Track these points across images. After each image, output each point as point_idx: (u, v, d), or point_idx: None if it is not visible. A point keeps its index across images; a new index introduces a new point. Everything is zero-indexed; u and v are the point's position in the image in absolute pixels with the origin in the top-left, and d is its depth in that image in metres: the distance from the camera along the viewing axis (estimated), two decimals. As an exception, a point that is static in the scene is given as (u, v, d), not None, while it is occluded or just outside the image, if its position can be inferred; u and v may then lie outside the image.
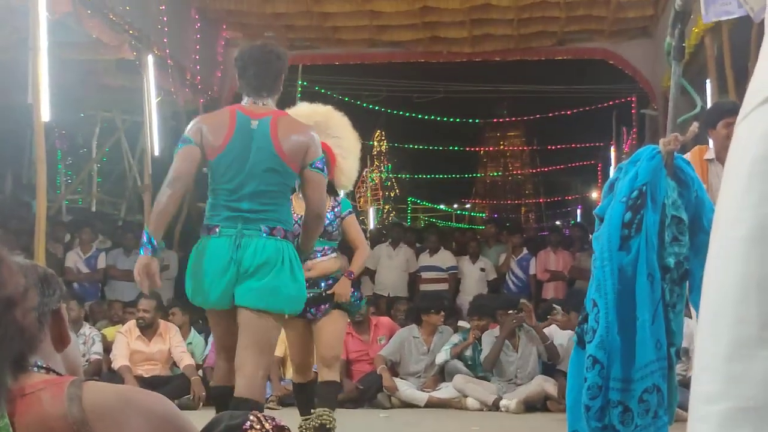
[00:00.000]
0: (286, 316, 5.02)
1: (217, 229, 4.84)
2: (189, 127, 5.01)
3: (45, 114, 8.29)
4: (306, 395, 6.11)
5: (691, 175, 4.01)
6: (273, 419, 2.55)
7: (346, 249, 6.54)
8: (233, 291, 4.80)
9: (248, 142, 4.88)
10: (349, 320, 6.82)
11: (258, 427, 2.43)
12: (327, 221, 5.84)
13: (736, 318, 1.31)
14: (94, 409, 1.83)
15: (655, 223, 3.77)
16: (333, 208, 6.05)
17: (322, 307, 5.98)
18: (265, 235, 4.79)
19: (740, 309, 1.31)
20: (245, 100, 5.06)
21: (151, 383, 8.82)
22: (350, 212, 6.20)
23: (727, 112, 6.06)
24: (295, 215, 5.63)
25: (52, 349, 2.10)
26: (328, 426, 5.83)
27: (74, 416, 1.82)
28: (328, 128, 6.05)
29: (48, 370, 2.00)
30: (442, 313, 10.02)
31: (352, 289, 6.07)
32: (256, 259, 4.75)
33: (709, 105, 9.75)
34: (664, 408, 3.72)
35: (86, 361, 9.42)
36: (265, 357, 4.84)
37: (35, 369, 1.98)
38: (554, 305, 10.04)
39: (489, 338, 9.53)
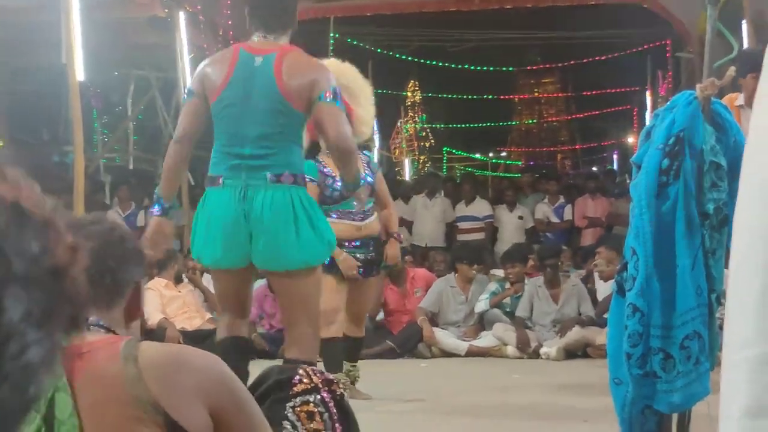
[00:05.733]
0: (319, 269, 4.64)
1: (221, 180, 4.46)
2: (194, 74, 4.75)
3: (79, 74, 8.35)
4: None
5: (729, 120, 3.96)
6: (322, 373, 2.59)
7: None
8: (247, 249, 4.42)
9: (250, 81, 4.48)
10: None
11: (306, 381, 2.48)
12: (369, 180, 5.89)
13: (765, 262, 1.29)
14: (149, 368, 1.89)
15: (693, 170, 3.74)
16: (367, 164, 6.10)
17: (374, 271, 6.28)
18: (271, 183, 4.39)
19: None
20: (254, 37, 4.72)
21: (194, 337, 8.80)
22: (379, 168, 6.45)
23: (758, 65, 6.02)
24: (329, 172, 5.67)
25: (121, 318, 2.15)
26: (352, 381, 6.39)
27: (130, 374, 1.87)
28: None
29: (107, 329, 2.05)
30: (475, 265, 9.97)
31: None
32: (265, 213, 4.35)
33: (745, 47, 9.64)
34: (705, 354, 3.72)
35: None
36: (310, 313, 4.53)
37: (95, 328, 2.04)
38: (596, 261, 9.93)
39: (532, 287, 9.53)
